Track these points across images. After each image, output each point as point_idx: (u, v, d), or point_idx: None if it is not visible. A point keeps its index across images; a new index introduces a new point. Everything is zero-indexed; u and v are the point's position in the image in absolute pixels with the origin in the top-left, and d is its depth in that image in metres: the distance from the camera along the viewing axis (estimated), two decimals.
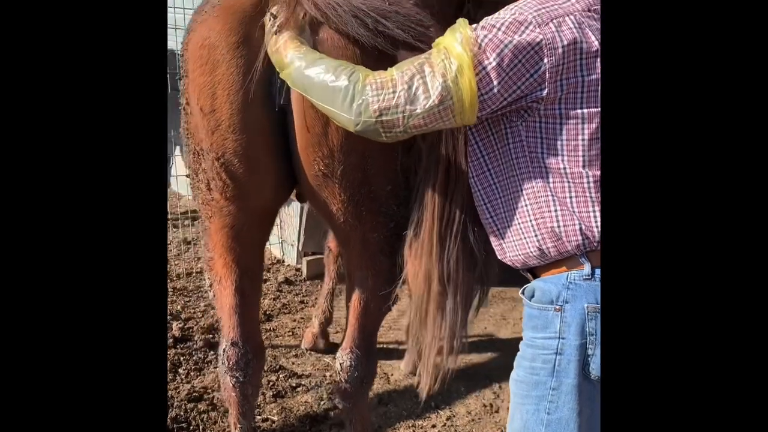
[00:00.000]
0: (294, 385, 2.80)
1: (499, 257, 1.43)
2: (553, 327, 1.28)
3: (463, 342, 1.52)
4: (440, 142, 1.45)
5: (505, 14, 1.23)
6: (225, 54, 1.48)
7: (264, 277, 3.67)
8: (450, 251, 1.43)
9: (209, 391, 2.67)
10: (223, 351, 1.76)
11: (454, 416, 2.71)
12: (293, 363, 2.99)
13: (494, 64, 1.19)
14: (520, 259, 1.37)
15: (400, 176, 1.64)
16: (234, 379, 1.76)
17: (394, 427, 2.58)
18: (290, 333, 3.29)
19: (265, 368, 2.88)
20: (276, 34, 1.42)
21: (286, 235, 4.16)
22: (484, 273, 1.50)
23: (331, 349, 2.97)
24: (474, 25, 1.24)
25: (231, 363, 1.75)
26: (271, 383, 2.78)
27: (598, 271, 1.26)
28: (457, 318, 1.48)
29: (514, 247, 1.36)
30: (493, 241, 1.42)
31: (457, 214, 1.45)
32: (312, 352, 3.09)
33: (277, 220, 2.49)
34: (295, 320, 3.43)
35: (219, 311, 1.79)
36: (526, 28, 1.18)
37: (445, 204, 1.45)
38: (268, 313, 3.49)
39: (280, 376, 2.85)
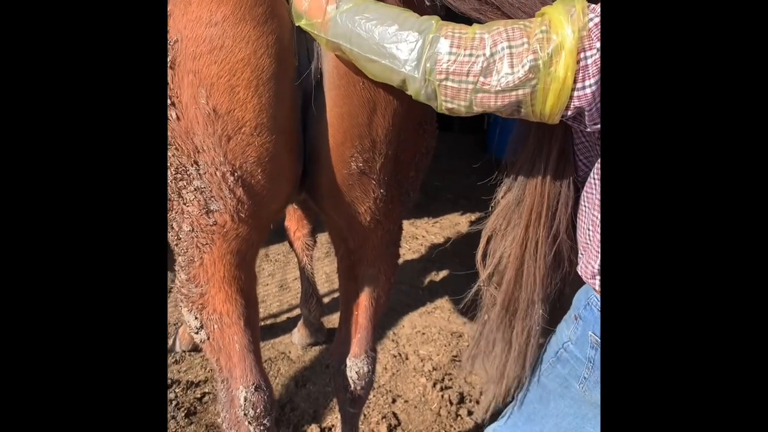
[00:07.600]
0: (199, 396, 2.43)
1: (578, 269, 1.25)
2: (569, 330, 1.26)
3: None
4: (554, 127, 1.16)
5: None
6: (250, 32, 1.09)
7: None
8: (543, 252, 1.22)
9: None
10: (245, 400, 1.41)
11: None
12: (180, 372, 2.57)
13: (598, 56, 0.93)
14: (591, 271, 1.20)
15: (426, 159, 1.47)
16: (262, 427, 1.45)
17: (327, 406, 2.45)
18: None
19: None
20: None
21: None
22: (562, 287, 1.31)
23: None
24: (593, 6, 1.00)
25: (258, 411, 1.42)
26: (174, 402, 2.36)
27: None
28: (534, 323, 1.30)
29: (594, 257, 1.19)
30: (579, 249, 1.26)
31: (560, 211, 1.23)
32: (191, 353, 2.69)
33: None
34: None
35: (220, 355, 1.42)
36: None
37: (550, 199, 1.21)
38: None
39: (177, 391, 2.44)
